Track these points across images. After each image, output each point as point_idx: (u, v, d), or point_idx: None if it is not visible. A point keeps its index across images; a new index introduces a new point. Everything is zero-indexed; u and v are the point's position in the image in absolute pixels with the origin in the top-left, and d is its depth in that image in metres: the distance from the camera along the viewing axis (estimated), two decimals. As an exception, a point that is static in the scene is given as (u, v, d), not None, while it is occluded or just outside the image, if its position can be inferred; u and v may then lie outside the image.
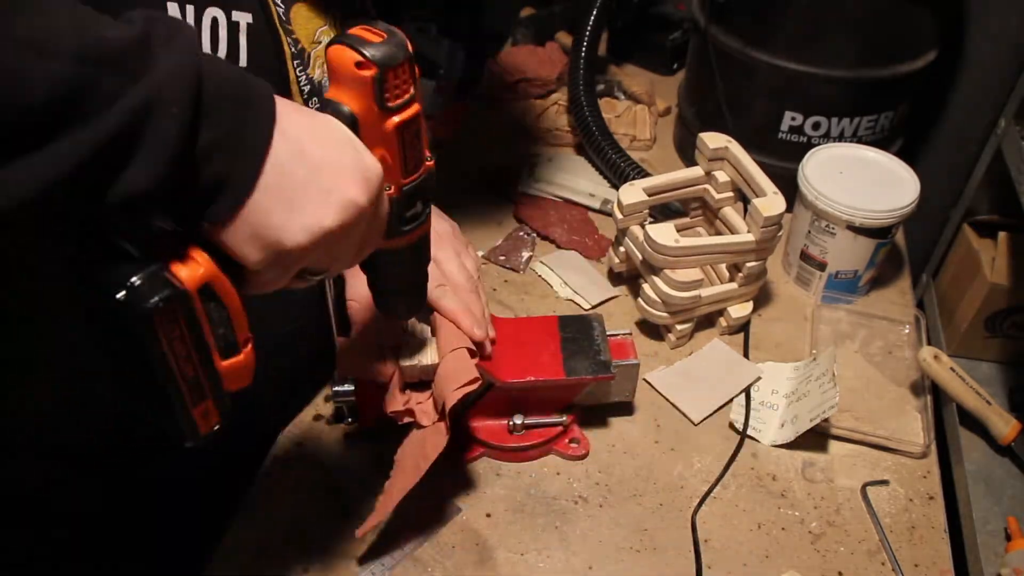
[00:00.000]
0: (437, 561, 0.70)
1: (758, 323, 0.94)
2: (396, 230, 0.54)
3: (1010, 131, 1.03)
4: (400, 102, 0.48)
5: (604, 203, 1.09)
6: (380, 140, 0.49)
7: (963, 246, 1.14)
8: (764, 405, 0.84)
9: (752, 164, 0.89)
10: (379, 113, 0.48)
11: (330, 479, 0.76)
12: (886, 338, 0.94)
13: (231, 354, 0.47)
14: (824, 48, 0.97)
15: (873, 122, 1.02)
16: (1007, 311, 1.04)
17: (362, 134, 0.48)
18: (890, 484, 0.78)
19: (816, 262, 0.95)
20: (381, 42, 0.46)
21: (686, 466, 0.79)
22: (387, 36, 0.47)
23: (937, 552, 0.73)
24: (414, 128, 0.50)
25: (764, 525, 0.74)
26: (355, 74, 0.47)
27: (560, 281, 0.98)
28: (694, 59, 1.14)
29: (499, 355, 0.75)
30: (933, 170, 1.13)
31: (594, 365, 0.76)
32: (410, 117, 0.49)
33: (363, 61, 0.46)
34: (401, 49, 0.47)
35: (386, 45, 0.46)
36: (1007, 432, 0.90)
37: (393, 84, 0.47)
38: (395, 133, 0.49)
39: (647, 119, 1.22)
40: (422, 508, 0.73)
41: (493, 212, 1.09)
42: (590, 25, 1.14)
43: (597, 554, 0.71)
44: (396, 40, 0.47)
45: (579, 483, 0.77)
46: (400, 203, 0.53)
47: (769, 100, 1.02)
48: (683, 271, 0.85)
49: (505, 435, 0.78)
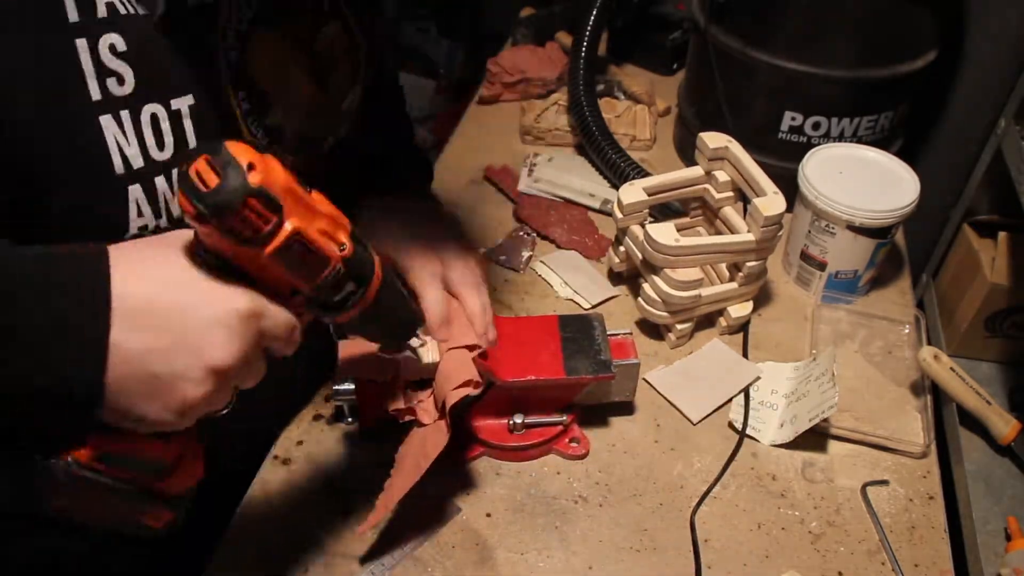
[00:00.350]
0: (437, 561, 0.70)
1: (758, 323, 0.94)
2: (336, 312, 0.52)
3: (1010, 131, 1.03)
4: (266, 231, 0.44)
5: (604, 203, 1.09)
6: (265, 267, 0.46)
7: (963, 246, 1.14)
8: (764, 405, 0.84)
9: (752, 164, 0.89)
10: (248, 249, 0.44)
11: (330, 479, 0.76)
12: (886, 338, 0.94)
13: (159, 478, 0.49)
14: (824, 48, 0.97)
15: (873, 122, 1.02)
16: (1007, 311, 1.04)
17: (244, 266, 0.46)
18: (890, 484, 0.78)
19: (816, 262, 0.95)
20: (214, 188, 0.42)
21: (686, 466, 0.79)
22: (220, 179, 0.42)
23: (937, 552, 0.73)
24: (295, 246, 0.45)
25: (764, 525, 0.74)
26: (198, 226, 0.43)
27: (560, 281, 0.98)
28: (694, 59, 1.14)
29: (499, 355, 0.75)
30: (933, 170, 1.13)
31: (594, 365, 0.76)
32: (282, 242, 0.44)
33: (200, 214, 0.42)
34: (237, 190, 0.42)
35: (218, 193, 0.42)
36: (1007, 432, 0.90)
37: (244, 224, 0.43)
38: (273, 259, 0.45)
39: (647, 119, 1.22)
40: (422, 508, 0.73)
41: (493, 212, 1.09)
42: (590, 25, 1.14)
43: (597, 554, 0.71)
44: (230, 183, 0.42)
45: (579, 483, 0.77)
46: (321, 298, 0.50)
47: (769, 100, 1.03)
48: (683, 271, 0.85)
49: (505, 434, 0.77)
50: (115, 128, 0.53)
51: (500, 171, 1.15)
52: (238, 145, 0.43)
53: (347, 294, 0.51)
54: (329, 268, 0.48)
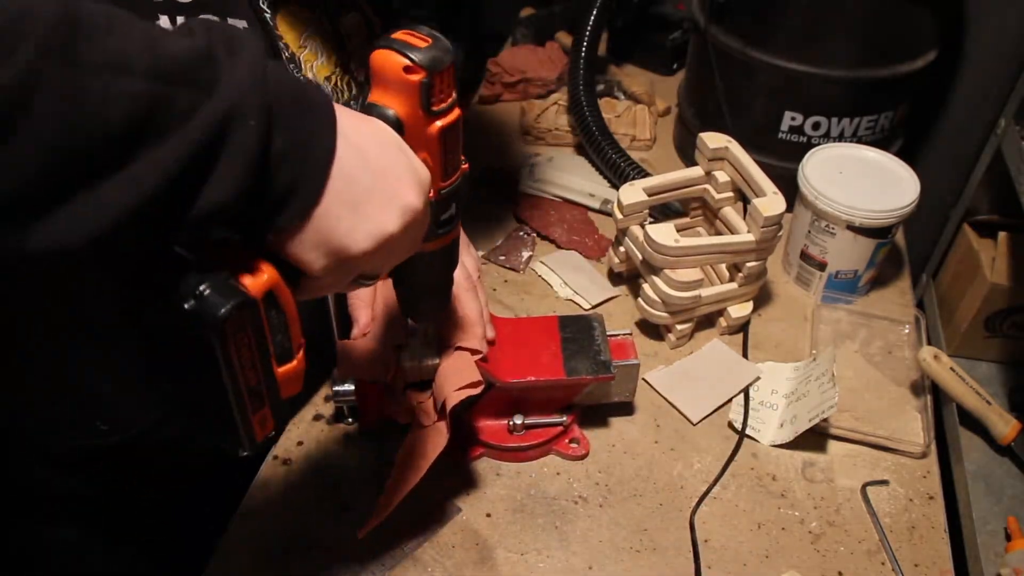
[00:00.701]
0: (437, 561, 0.70)
1: (758, 323, 0.94)
2: (433, 234, 0.54)
3: (1010, 131, 1.03)
4: (444, 106, 0.48)
5: (604, 203, 1.09)
6: (423, 144, 0.49)
7: (963, 246, 1.14)
8: (764, 405, 0.84)
9: (752, 164, 0.89)
10: (424, 117, 0.48)
11: (330, 479, 0.76)
12: (886, 338, 0.94)
13: (286, 360, 0.46)
14: (824, 48, 0.97)
15: (873, 122, 1.02)
16: (1007, 311, 1.04)
17: (406, 137, 0.48)
18: (890, 484, 0.78)
19: (816, 262, 0.95)
20: (427, 47, 0.46)
21: (686, 466, 0.79)
22: (432, 41, 0.47)
23: (937, 552, 0.73)
24: (455, 132, 0.50)
25: (764, 525, 0.74)
26: (403, 78, 0.47)
27: (560, 281, 0.98)
28: (694, 59, 1.14)
29: (499, 355, 0.75)
30: (933, 170, 1.13)
31: (594, 365, 0.76)
32: (452, 121, 0.49)
33: (411, 66, 0.46)
34: (447, 54, 0.47)
35: (433, 49, 0.46)
36: (1007, 432, 0.90)
37: (439, 89, 0.47)
38: (438, 137, 0.49)
39: (647, 119, 1.22)
40: (422, 508, 0.73)
41: (493, 212, 1.09)
42: (590, 25, 1.14)
43: (597, 554, 0.71)
44: (441, 45, 0.47)
45: (579, 483, 0.77)
46: (438, 206, 0.53)
47: (769, 100, 1.02)
48: (683, 271, 0.85)
49: (505, 435, 0.78)
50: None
51: (500, 171, 1.15)
52: None
53: (450, 216, 0.54)
54: (458, 172, 0.53)
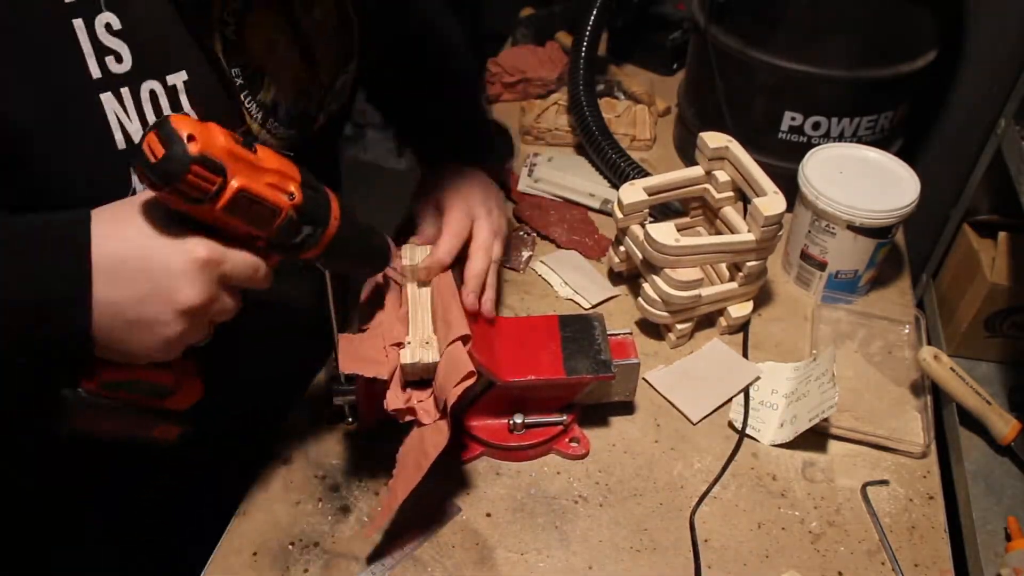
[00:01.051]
0: (437, 561, 0.70)
1: (758, 323, 0.94)
2: (298, 251, 0.58)
3: (1010, 131, 1.03)
4: (213, 191, 0.49)
5: (604, 203, 1.09)
6: (220, 220, 0.52)
7: (963, 246, 1.14)
8: (764, 405, 0.84)
9: (752, 164, 0.89)
10: (200, 207, 0.50)
11: (330, 479, 0.76)
12: (886, 338, 0.94)
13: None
14: (824, 48, 0.97)
15: (873, 122, 1.02)
16: (1007, 311, 1.04)
17: (203, 220, 0.51)
18: (890, 484, 0.78)
19: (816, 262, 0.95)
20: (161, 159, 0.47)
21: (686, 466, 0.79)
22: (166, 150, 0.47)
23: (937, 552, 0.73)
24: (242, 201, 0.51)
25: (764, 525, 0.74)
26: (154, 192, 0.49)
27: (560, 281, 0.98)
28: (694, 59, 1.14)
29: (499, 354, 0.75)
30: (933, 170, 1.13)
31: (594, 364, 0.76)
32: (229, 199, 0.50)
33: (153, 183, 0.48)
34: (182, 159, 0.47)
35: (165, 162, 0.47)
36: (1007, 432, 0.90)
37: (191, 187, 0.48)
38: (225, 214, 0.51)
39: (647, 119, 1.22)
40: (422, 508, 0.73)
41: (493, 212, 1.09)
42: (590, 25, 1.14)
43: (597, 554, 0.71)
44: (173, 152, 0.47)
45: (579, 483, 0.77)
46: (281, 242, 0.55)
47: (769, 100, 1.02)
48: (683, 271, 0.85)
49: (505, 434, 0.77)
50: (115, 105, 0.55)
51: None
52: (181, 118, 0.48)
53: (305, 236, 0.57)
54: (281, 217, 0.54)
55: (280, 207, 0.54)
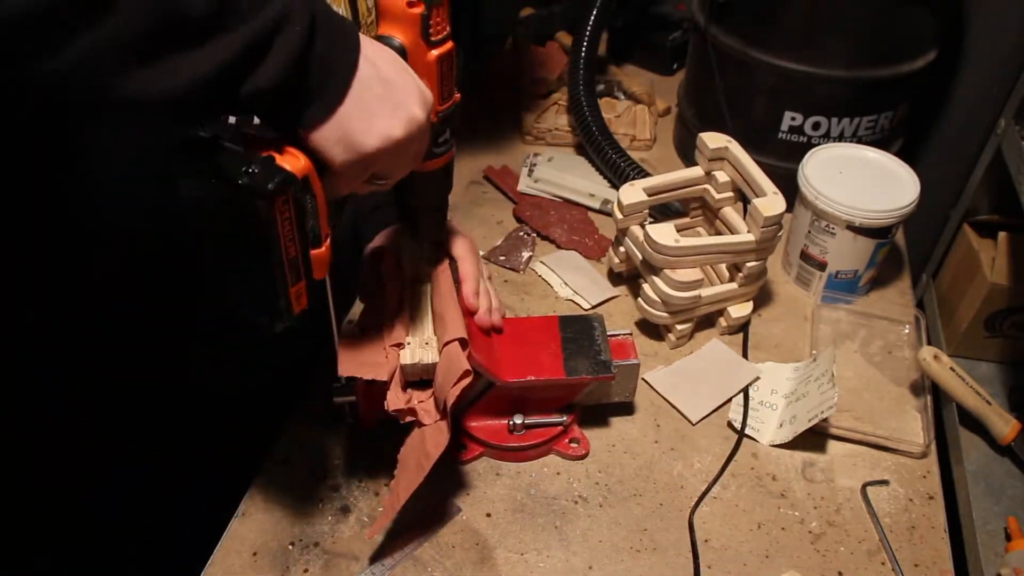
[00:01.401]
0: (437, 561, 0.70)
1: (758, 323, 0.94)
2: (431, 153, 0.64)
3: (1010, 131, 1.03)
4: (440, 37, 0.58)
5: (604, 203, 1.09)
6: (424, 71, 0.58)
7: (963, 246, 1.14)
8: (763, 405, 0.84)
9: (752, 164, 0.89)
10: (424, 46, 0.57)
11: (330, 479, 0.76)
12: (886, 338, 0.94)
13: (317, 245, 0.55)
14: (824, 48, 0.97)
15: (873, 122, 1.02)
16: (1007, 311, 1.04)
17: (409, 64, 0.57)
18: (890, 484, 0.78)
19: (816, 262, 0.95)
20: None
21: (686, 466, 0.79)
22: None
23: (937, 552, 0.73)
24: (450, 61, 0.59)
25: (764, 525, 0.74)
26: (405, 12, 0.56)
27: (560, 281, 0.98)
28: (694, 59, 1.14)
29: (499, 355, 0.75)
30: (933, 170, 1.13)
31: (594, 365, 0.76)
32: (447, 51, 0.59)
33: (412, 1, 0.55)
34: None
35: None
36: (1007, 432, 0.90)
37: (436, 21, 0.57)
38: (436, 64, 0.58)
39: (647, 119, 1.22)
40: (422, 508, 0.73)
41: (493, 212, 1.09)
42: (590, 25, 1.14)
43: (597, 554, 0.71)
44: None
45: (579, 483, 0.77)
46: (436, 128, 0.62)
47: (769, 100, 1.02)
48: (683, 271, 0.85)
49: (505, 435, 0.78)
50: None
51: (500, 171, 1.15)
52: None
53: (446, 139, 0.64)
54: (452, 100, 0.62)
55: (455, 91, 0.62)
